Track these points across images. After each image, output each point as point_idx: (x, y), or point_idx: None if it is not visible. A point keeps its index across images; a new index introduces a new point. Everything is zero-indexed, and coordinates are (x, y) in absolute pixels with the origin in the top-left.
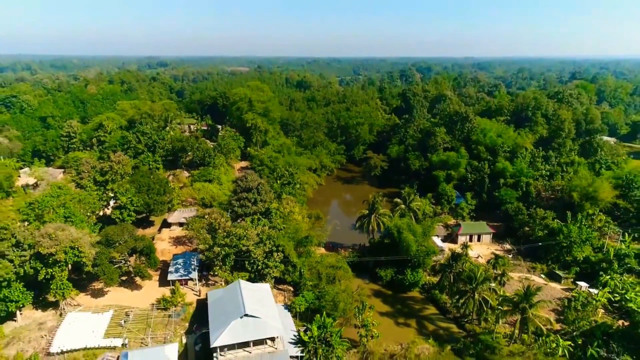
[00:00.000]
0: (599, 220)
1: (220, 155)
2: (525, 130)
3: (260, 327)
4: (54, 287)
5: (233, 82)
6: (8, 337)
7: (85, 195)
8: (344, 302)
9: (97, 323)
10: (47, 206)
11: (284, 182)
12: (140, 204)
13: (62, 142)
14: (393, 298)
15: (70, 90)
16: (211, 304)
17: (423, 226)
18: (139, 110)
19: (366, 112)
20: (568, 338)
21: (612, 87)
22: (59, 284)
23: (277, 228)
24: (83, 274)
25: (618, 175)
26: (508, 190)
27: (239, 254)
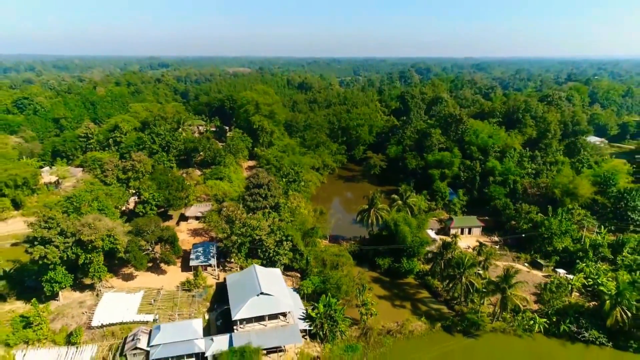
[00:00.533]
0: (578, 214)
1: (230, 155)
2: (514, 131)
3: (274, 304)
4: (92, 270)
5: (236, 84)
6: (53, 313)
7: (115, 191)
8: (346, 285)
9: (130, 302)
10: (83, 200)
11: (289, 179)
12: (161, 199)
13: (80, 142)
14: (390, 284)
15: (80, 92)
16: (230, 285)
17: (418, 220)
18: (151, 113)
19: (366, 114)
20: (544, 316)
21: (604, 89)
22: (97, 268)
23: (286, 220)
24: (115, 259)
25: (597, 174)
26: (497, 187)
27: (252, 242)
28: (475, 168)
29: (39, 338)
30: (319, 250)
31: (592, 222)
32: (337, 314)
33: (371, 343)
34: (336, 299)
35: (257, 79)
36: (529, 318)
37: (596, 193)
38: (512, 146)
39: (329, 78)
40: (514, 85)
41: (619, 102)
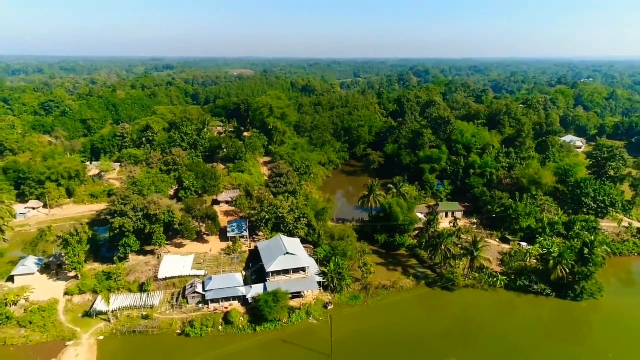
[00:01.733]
0: (540, 199)
1: (249, 151)
2: (494, 131)
3: (296, 260)
4: (155, 237)
5: (244, 87)
6: (127, 270)
7: (166, 178)
8: (350, 251)
9: (184, 262)
10: (144, 184)
11: (301, 172)
12: (198, 186)
13: (116, 140)
14: (386, 254)
15: (101, 95)
16: (261, 248)
17: (408, 203)
18: (174, 115)
19: (366, 116)
20: (505, 275)
21: (589, 92)
22: (158, 236)
23: (301, 202)
24: (170, 231)
25: (559, 167)
26: (476, 178)
27: (276, 218)
28: (459, 162)
29: (118, 287)
30: (328, 226)
31: (553, 206)
32: (343, 271)
33: (370, 294)
34: (342, 261)
35: (262, 82)
36: (493, 277)
37: (557, 182)
38: (492, 144)
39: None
40: (508, 88)
41: (602, 104)
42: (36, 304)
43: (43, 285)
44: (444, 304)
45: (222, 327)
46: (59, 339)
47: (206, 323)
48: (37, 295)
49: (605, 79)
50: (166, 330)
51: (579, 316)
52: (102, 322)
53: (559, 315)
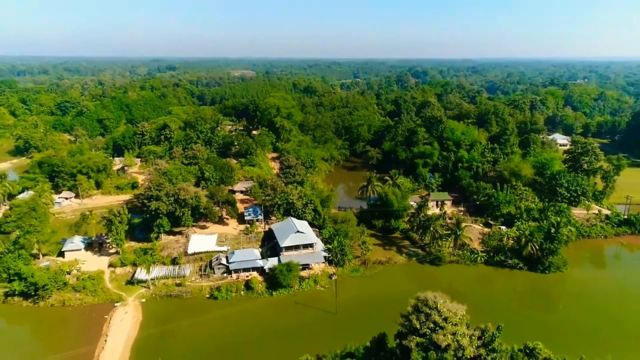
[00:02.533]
0: (520, 189)
1: (259, 147)
2: (482, 129)
3: (305, 238)
4: (184, 220)
5: (249, 88)
6: (161, 247)
7: (191, 169)
8: (351, 232)
9: (209, 240)
10: (173, 174)
11: (306, 166)
12: (217, 177)
13: (136, 138)
14: (382, 237)
15: (114, 96)
16: (275, 229)
17: (402, 192)
18: (188, 115)
19: (365, 116)
20: (485, 252)
21: (578, 93)
22: (187, 218)
23: (308, 191)
24: (196, 214)
25: (537, 161)
26: (464, 171)
27: (287, 204)
28: (449, 158)
29: (154, 261)
30: (331, 212)
31: (531, 195)
32: (345, 248)
33: (368, 268)
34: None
35: (265, 84)
36: (475, 254)
37: (536, 174)
38: (479, 141)
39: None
40: (504, 89)
41: (591, 105)
42: (86, 274)
43: (89, 260)
44: (432, 277)
45: (244, 292)
46: (108, 302)
47: (230, 289)
48: (85, 267)
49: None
50: (197, 295)
51: (546, 286)
52: (142, 289)
53: (530, 285)
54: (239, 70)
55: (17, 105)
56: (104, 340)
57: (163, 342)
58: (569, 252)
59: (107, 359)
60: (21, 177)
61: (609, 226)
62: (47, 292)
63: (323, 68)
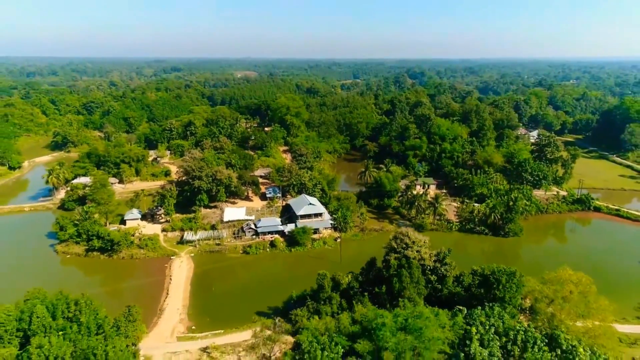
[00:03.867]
0: (491, 174)
1: (272, 141)
2: (464, 125)
3: (316, 209)
4: (219, 196)
5: (255, 90)
6: (201, 217)
7: (221, 156)
8: (351, 206)
9: (239, 211)
10: (209, 160)
11: (314, 156)
12: (241, 164)
13: (166, 134)
14: (377, 212)
15: (135, 97)
16: (292, 203)
17: (394, 176)
18: (208, 114)
19: (364, 114)
20: (459, 222)
21: (561, 94)
22: (222, 194)
23: (317, 174)
24: (227, 192)
25: (507, 151)
26: (447, 160)
27: (300, 185)
28: (435, 149)
29: (197, 227)
30: (335, 193)
31: (501, 179)
32: (347, 218)
33: (365, 234)
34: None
35: (271, 85)
36: (450, 223)
37: (506, 162)
38: (461, 135)
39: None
40: (496, 89)
41: (572, 104)
42: (146, 236)
43: (145, 227)
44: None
45: (269, 249)
46: (165, 256)
47: (259, 247)
48: (143, 232)
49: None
50: (233, 251)
51: (506, 247)
52: (190, 247)
53: (494, 247)
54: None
55: (47, 106)
56: (168, 277)
57: (212, 279)
58: (528, 223)
59: (174, 287)
60: (73, 165)
61: (564, 204)
62: (119, 248)
63: (324, 69)
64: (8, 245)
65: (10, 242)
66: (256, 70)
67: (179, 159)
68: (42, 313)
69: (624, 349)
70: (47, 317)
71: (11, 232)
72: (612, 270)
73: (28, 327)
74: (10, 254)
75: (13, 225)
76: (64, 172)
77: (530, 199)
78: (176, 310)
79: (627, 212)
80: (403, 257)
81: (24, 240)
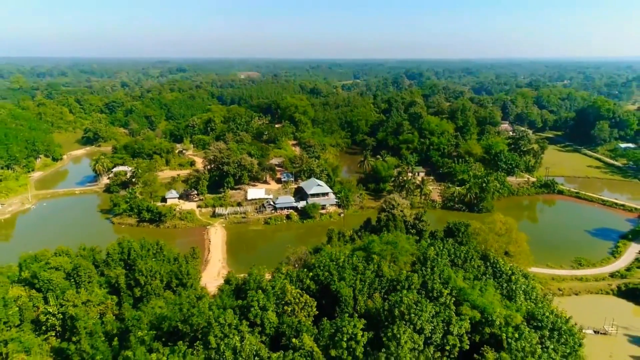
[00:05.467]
0: (471, 163)
1: (283, 136)
2: (451, 122)
3: (323, 189)
4: (243, 179)
5: (262, 90)
6: (229, 196)
7: (243, 147)
8: (352, 188)
9: (260, 192)
10: (234, 149)
11: (320, 148)
12: (258, 154)
13: (188, 130)
14: (374, 195)
15: (152, 97)
16: (303, 185)
17: (388, 164)
18: (222, 112)
19: (363, 113)
20: (442, 201)
21: (547, 94)
22: (245, 178)
23: (323, 162)
24: (249, 177)
25: (486, 144)
26: (434, 152)
27: (309, 171)
28: (425, 143)
29: (226, 204)
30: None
31: (480, 168)
32: (349, 197)
33: (364, 210)
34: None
35: (276, 86)
36: (434, 202)
37: (485, 153)
38: (447, 130)
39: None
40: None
41: (557, 104)
42: (185, 211)
43: (183, 204)
44: None
45: (285, 221)
46: (202, 226)
47: (277, 219)
48: (182, 208)
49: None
50: (256, 223)
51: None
52: (221, 219)
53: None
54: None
55: (74, 105)
56: (208, 240)
57: (242, 242)
58: (501, 203)
59: (214, 246)
60: (112, 156)
61: (533, 188)
62: (165, 219)
63: (325, 69)
64: (73, 218)
65: (73, 216)
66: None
67: (201, 152)
68: (137, 247)
69: (554, 284)
70: (140, 251)
71: (71, 209)
72: (561, 237)
73: (127, 257)
74: (77, 224)
75: (70, 204)
76: (106, 162)
77: (504, 183)
78: (218, 261)
79: (584, 194)
80: (390, 214)
81: (84, 215)
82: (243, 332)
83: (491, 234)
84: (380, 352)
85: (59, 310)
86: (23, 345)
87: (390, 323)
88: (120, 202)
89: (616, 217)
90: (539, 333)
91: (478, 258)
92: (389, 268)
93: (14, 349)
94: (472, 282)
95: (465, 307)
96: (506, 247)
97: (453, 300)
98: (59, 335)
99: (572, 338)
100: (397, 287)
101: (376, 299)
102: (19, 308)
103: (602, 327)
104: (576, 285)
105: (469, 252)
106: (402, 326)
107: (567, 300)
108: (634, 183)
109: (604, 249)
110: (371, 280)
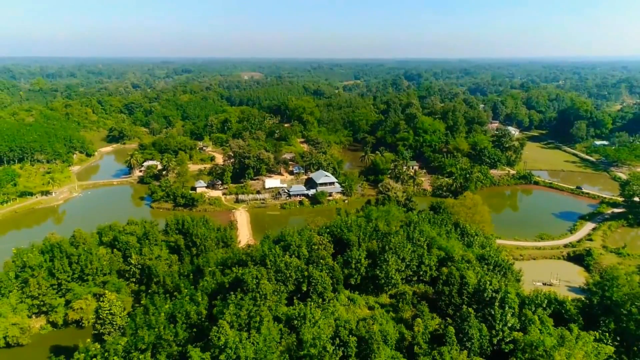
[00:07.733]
0: (459, 158)
1: (293, 134)
2: (443, 121)
3: (330, 179)
4: (262, 171)
5: (268, 92)
6: (249, 185)
7: (261, 143)
8: (355, 179)
9: (276, 182)
10: (253, 145)
11: (327, 144)
12: (272, 150)
13: (207, 129)
14: (373, 185)
15: (168, 99)
16: (313, 175)
17: (386, 158)
18: (237, 113)
19: (364, 113)
20: (432, 190)
21: (536, 95)
22: (263, 170)
23: (329, 157)
24: (266, 169)
25: (472, 140)
26: (427, 148)
27: (317, 164)
28: (419, 140)
29: (247, 192)
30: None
31: (466, 162)
32: (352, 186)
33: (365, 197)
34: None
35: (282, 87)
36: (425, 190)
37: (471, 149)
38: (439, 129)
39: (333, 83)
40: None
41: (546, 105)
42: (213, 198)
43: (210, 193)
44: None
45: (298, 206)
46: (227, 210)
47: (291, 204)
48: (210, 195)
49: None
50: (273, 208)
51: None
52: (243, 204)
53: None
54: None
55: (96, 106)
56: (234, 219)
57: (263, 222)
58: (483, 192)
59: (240, 226)
60: (141, 152)
61: (512, 179)
62: (197, 204)
63: (326, 70)
64: (115, 204)
65: (116, 202)
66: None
67: (219, 148)
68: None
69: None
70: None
71: (112, 196)
72: (530, 217)
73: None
74: (120, 208)
75: (111, 192)
76: (139, 157)
77: (487, 175)
78: (245, 236)
79: (557, 184)
80: (386, 195)
81: (124, 201)
82: (287, 257)
83: (462, 207)
84: (376, 269)
85: (139, 261)
86: (115, 287)
87: (382, 253)
88: (157, 190)
89: (580, 203)
90: (485, 267)
91: (451, 224)
92: (384, 226)
93: (109, 288)
94: (443, 236)
95: (435, 249)
96: (472, 217)
97: (427, 243)
98: (137, 282)
99: (510, 272)
100: (389, 237)
101: (374, 243)
102: (108, 261)
103: (549, 280)
104: (534, 252)
105: (444, 219)
106: (390, 254)
107: (526, 264)
108: (602, 175)
109: (564, 228)
110: (370, 232)
